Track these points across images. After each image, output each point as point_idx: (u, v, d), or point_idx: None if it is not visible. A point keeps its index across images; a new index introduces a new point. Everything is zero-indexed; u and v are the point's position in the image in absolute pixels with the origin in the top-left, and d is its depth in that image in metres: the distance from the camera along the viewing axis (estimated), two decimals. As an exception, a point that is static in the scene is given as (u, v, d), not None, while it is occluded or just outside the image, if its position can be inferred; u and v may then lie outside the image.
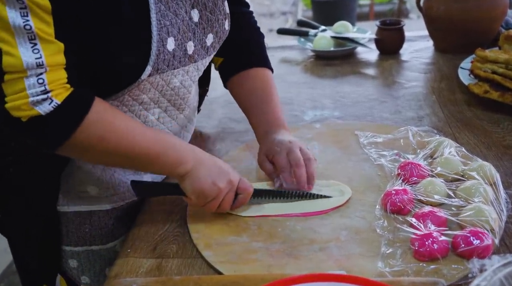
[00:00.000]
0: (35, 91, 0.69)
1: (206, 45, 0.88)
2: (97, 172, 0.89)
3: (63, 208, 0.91)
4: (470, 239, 0.74)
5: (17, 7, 0.66)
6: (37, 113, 0.70)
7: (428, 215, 0.80)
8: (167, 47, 0.79)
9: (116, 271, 0.80)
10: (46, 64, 0.69)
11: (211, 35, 0.88)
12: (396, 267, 0.74)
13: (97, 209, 0.92)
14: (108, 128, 0.75)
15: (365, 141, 1.05)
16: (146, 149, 0.78)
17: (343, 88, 1.35)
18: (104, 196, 0.91)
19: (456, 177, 0.90)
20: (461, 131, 1.09)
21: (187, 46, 0.83)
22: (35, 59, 0.68)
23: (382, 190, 0.89)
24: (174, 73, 0.84)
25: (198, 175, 0.81)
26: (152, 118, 0.87)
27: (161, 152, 0.79)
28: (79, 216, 0.92)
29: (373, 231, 0.81)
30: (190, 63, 0.86)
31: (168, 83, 0.85)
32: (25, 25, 0.67)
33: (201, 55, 0.87)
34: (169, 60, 0.81)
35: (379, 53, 1.54)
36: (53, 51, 0.70)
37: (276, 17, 5.19)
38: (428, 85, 1.33)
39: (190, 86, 0.90)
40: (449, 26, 1.45)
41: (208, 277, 0.72)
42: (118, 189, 0.92)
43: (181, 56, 0.83)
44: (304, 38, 1.64)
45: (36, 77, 0.69)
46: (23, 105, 0.69)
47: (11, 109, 0.69)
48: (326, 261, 0.76)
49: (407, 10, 4.73)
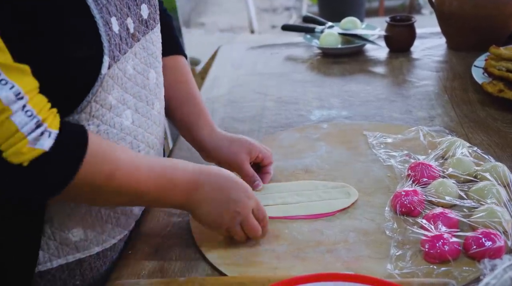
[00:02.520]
0: (29, 127, 0.65)
1: (143, 19, 0.85)
2: (81, 210, 0.82)
3: (45, 266, 0.81)
4: (482, 240, 0.78)
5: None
6: (41, 151, 0.65)
7: (439, 216, 0.83)
8: (113, 29, 0.75)
9: (117, 273, 0.83)
10: (24, 92, 0.64)
11: (144, 5, 0.85)
12: (405, 269, 0.77)
13: (87, 255, 0.84)
14: (112, 165, 0.73)
15: (374, 142, 1.08)
16: (154, 191, 0.78)
17: (351, 87, 1.39)
18: (91, 237, 0.84)
19: (468, 178, 0.93)
20: (474, 132, 1.12)
21: (127, 24, 0.80)
22: (10, 90, 0.63)
23: (391, 191, 0.93)
24: (125, 58, 0.80)
25: (201, 212, 0.82)
26: (127, 124, 0.83)
27: (168, 186, 0.79)
28: (66, 268, 0.83)
29: (382, 233, 0.85)
30: (135, 43, 0.82)
31: (125, 73, 0.81)
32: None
33: (142, 31, 0.84)
34: (118, 44, 0.77)
35: (389, 50, 1.58)
36: (22, 76, 0.65)
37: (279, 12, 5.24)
38: (440, 84, 1.36)
39: (145, 70, 0.86)
40: (462, 22, 1.49)
41: (213, 278, 0.76)
42: (106, 226, 0.85)
43: (126, 36, 0.79)
44: (310, 35, 1.68)
45: (22, 110, 0.64)
46: (22, 148, 0.64)
47: (11, 157, 0.64)
48: (334, 263, 0.80)
49: (419, 6, 4.77)
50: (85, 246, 0.84)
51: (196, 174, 0.81)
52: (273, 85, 1.44)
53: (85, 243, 0.83)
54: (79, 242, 0.83)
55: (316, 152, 1.08)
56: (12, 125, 0.63)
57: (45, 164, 0.66)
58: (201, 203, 0.81)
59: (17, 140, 0.64)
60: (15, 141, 0.64)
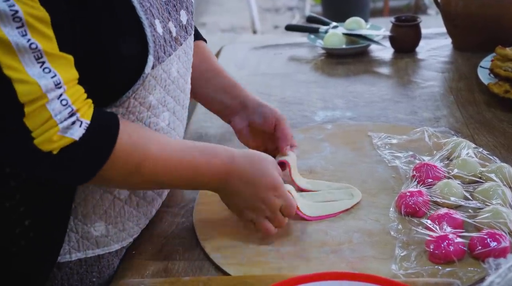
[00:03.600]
0: (62, 116, 0.67)
1: (183, 24, 0.88)
2: (104, 204, 0.85)
3: (64, 258, 0.84)
4: (487, 241, 0.80)
5: (13, 27, 0.63)
6: (70, 140, 0.68)
7: (444, 217, 0.85)
8: (158, 30, 0.79)
9: (121, 273, 0.85)
10: (63, 82, 0.67)
11: (183, 11, 0.89)
12: (410, 269, 0.79)
13: (106, 251, 0.87)
14: (142, 154, 0.76)
15: (379, 143, 1.10)
16: (185, 178, 0.82)
17: (356, 88, 1.41)
18: (112, 233, 0.87)
19: (473, 179, 0.95)
20: (480, 133, 1.14)
21: (170, 27, 0.84)
22: (51, 78, 0.66)
23: (396, 192, 0.95)
24: (170, 61, 0.84)
25: (228, 201, 0.87)
26: (163, 125, 0.86)
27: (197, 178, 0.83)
28: (84, 263, 0.86)
29: (387, 233, 0.87)
30: (178, 47, 0.86)
31: (169, 75, 0.85)
32: (30, 44, 0.64)
33: (183, 36, 0.88)
34: (163, 45, 0.81)
35: (394, 51, 1.60)
36: (65, 66, 0.68)
37: (282, 12, 5.26)
38: (445, 85, 1.38)
39: (185, 75, 0.91)
40: (468, 23, 1.50)
41: (218, 278, 0.78)
42: (127, 224, 0.88)
43: (169, 39, 0.83)
44: (314, 35, 1.69)
45: (58, 99, 0.67)
46: (53, 136, 0.67)
47: (41, 144, 0.67)
48: (339, 263, 0.82)
49: (425, 6, 4.79)
50: (105, 242, 0.87)
51: (227, 165, 0.83)
52: (277, 86, 1.46)
53: (105, 239, 0.87)
54: (100, 238, 0.86)
55: (321, 153, 1.10)
56: (46, 112, 0.66)
57: (74, 153, 0.69)
58: (230, 194, 0.85)
59: (48, 127, 0.66)
60: (47, 129, 0.66)
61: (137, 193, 0.89)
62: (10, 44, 0.63)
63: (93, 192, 0.83)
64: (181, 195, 1.02)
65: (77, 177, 0.73)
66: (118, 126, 0.73)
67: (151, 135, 0.80)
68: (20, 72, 0.64)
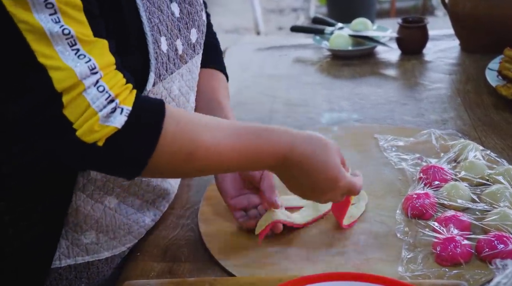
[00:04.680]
0: (100, 102, 0.66)
1: (191, 42, 0.89)
2: (96, 214, 0.85)
3: (54, 264, 0.85)
4: (494, 243, 0.81)
5: (46, 13, 0.63)
6: (113, 129, 0.66)
7: (451, 219, 0.87)
8: (162, 48, 0.80)
9: (125, 274, 0.87)
10: (99, 68, 0.67)
11: (194, 30, 0.89)
12: (417, 271, 0.81)
13: (96, 258, 0.88)
14: (193, 142, 0.73)
15: (385, 145, 1.12)
16: (237, 161, 0.77)
17: (362, 89, 1.43)
18: (102, 241, 0.87)
19: (481, 181, 0.97)
20: (488, 135, 1.16)
21: (176, 45, 0.84)
22: (85, 63, 0.66)
23: (403, 195, 0.97)
24: (172, 78, 0.84)
25: (287, 184, 0.82)
26: None
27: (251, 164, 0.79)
28: (74, 270, 0.87)
29: (393, 235, 0.88)
30: (182, 65, 0.86)
31: (170, 93, 0.84)
32: (63, 30, 0.64)
33: (190, 55, 0.89)
34: (166, 63, 0.81)
35: (400, 53, 1.62)
36: (99, 50, 0.68)
37: (286, 13, 5.29)
38: (453, 87, 1.40)
39: (188, 93, 0.90)
40: (476, 24, 1.52)
41: (224, 279, 0.80)
42: (118, 232, 0.89)
43: (174, 57, 0.83)
44: (319, 36, 1.71)
45: (95, 86, 0.66)
46: (94, 125, 0.66)
47: (83, 135, 0.66)
48: (344, 265, 0.83)
49: (432, 7, 4.81)
50: (95, 250, 0.87)
51: (286, 153, 0.77)
52: (282, 88, 1.48)
53: (96, 246, 0.87)
54: (90, 245, 0.87)
55: (326, 155, 1.11)
56: (84, 101, 0.65)
57: (120, 143, 0.67)
58: (288, 180, 0.81)
59: (88, 117, 0.65)
60: (87, 118, 0.65)
61: (126, 202, 0.89)
62: (43, 31, 0.63)
63: (85, 203, 0.84)
64: (186, 196, 1.03)
65: (128, 168, 0.72)
66: (164, 113, 0.71)
67: (200, 121, 0.76)
68: (54, 59, 0.64)
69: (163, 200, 0.97)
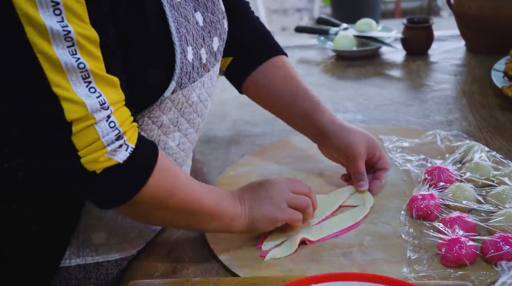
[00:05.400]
0: (109, 138, 0.70)
1: (213, 51, 0.91)
2: (107, 215, 0.88)
3: (63, 263, 0.88)
4: (499, 244, 0.82)
5: (65, 46, 0.66)
6: (115, 162, 0.71)
7: (456, 220, 0.88)
8: (188, 57, 0.82)
9: (129, 274, 0.88)
10: (108, 103, 0.70)
11: (216, 38, 0.91)
12: (422, 272, 0.82)
13: (105, 259, 0.90)
14: (174, 180, 0.80)
15: (390, 146, 1.13)
16: (208, 205, 0.84)
17: (367, 90, 1.44)
18: (112, 242, 0.90)
19: (486, 182, 0.98)
20: (493, 137, 1.17)
21: (201, 54, 0.86)
22: (96, 98, 0.69)
23: (407, 196, 0.97)
24: (193, 87, 0.86)
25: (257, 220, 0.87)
26: (172, 145, 0.89)
27: (218, 208, 0.85)
28: (83, 270, 0.89)
29: (398, 236, 0.89)
30: (205, 73, 0.89)
31: (187, 100, 0.87)
32: (79, 63, 0.67)
33: (212, 63, 0.91)
34: (190, 72, 0.84)
35: (405, 53, 1.63)
36: (110, 87, 0.71)
37: (290, 14, 5.30)
38: (458, 88, 1.41)
39: (206, 100, 0.93)
40: (481, 24, 1.53)
41: (228, 279, 0.81)
42: (129, 235, 0.91)
43: (198, 66, 0.86)
44: (324, 36, 1.72)
45: (107, 121, 0.70)
46: (100, 157, 0.70)
47: (87, 164, 0.69)
48: (349, 266, 0.84)
49: (437, 7, 4.82)
50: (105, 251, 0.90)
51: (238, 192, 0.89)
52: (286, 88, 1.49)
53: (105, 247, 0.89)
54: (100, 246, 0.89)
55: (331, 156, 1.13)
56: (94, 133, 0.69)
57: (116, 174, 0.72)
58: (251, 209, 0.87)
59: (96, 148, 0.69)
60: (95, 149, 0.69)
61: None
62: (60, 63, 0.66)
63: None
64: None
65: (115, 198, 0.76)
66: (157, 150, 0.77)
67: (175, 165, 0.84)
68: (67, 90, 0.67)
69: None
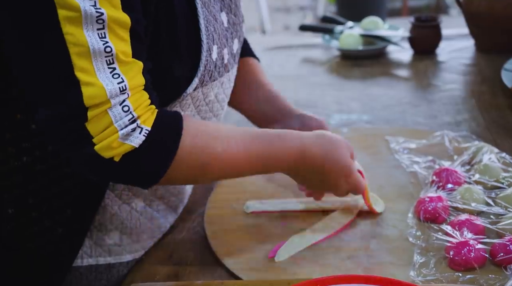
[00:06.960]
0: (122, 122, 0.70)
1: (233, 52, 0.93)
2: (122, 215, 0.89)
3: (76, 262, 0.89)
4: (509, 247, 0.83)
5: (95, 28, 0.67)
6: (130, 147, 0.71)
7: (464, 223, 0.88)
8: (212, 56, 0.84)
9: (131, 277, 0.89)
10: (128, 88, 0.70)
11: (236, 40, 0.93)
12: (429, 276, 0.82)
13: (117, 261, 0.92)
14: (208, 157, 0.78)
15: (397, 147, 1.14)
16: (255, 170, 0.85)
17: (373, 90, 1.45)
18: (125, 243, 0.91)
19: (496, 184, 0.98)
20: (503, 138, 1.17)
21: (224, 54, 0.88)
22: (118, 84, 0.69)
23: (415, 198, 0.98)
24: (212, 85, 0.88)
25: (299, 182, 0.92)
26: None
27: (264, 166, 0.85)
28: (95, 270, 0.91)
29: (405, 239, 0.90)
30: (225, 73, 0.90)
31: (205, 98, 0.88)
32: (106, 47, 0.67)
33: (231, 64, 0.93)
34: (212, 71, 0.85)
35: (413, 52, 1.64)
36: (133, 72, 0.71)
37: (293, 12, 5.31)
38: (467, 88, 1.42)
39: (223, 100, 0.94)
40: (491, 23, 1.54)
41: (231, 282, 0.82)
42: (141, 236, 0.93)
43: (220, 65, 0.87)
44: (329, 35, 1.73)
45: (120, 105, 0.70)
46: (113, 143, 0.70)
47: (101, 150, 0.70)
48: (355, 269, 0.85)
49: (446, 6, 4.82)
50: (117, 252, 0.91)
51: (298, 156, 0.85)
52: (290, 88, 1.50)
53: (118, 248, 0.91)
54: (113, 246, 0.91)
55: (336, 157, 1.13)
56: (107, 118, 0.69)
57: (135, 160, 0.72)
58: (301, 179, 0.90)
59: (109, 134, 0.70)
60: (107, 135, 0.70)
61: (152, 206, 0.93)
62: (87, 46, 0.67)
63: (112, 202, 0.88)
64: (192, 199, 1.05)
65: (142, 181, 0.77)
66: (181, 130, 0.76)
67: (214, 131, 0.81)
68: (90, 74, 0.67)
69: (181, 205, 1.01)
